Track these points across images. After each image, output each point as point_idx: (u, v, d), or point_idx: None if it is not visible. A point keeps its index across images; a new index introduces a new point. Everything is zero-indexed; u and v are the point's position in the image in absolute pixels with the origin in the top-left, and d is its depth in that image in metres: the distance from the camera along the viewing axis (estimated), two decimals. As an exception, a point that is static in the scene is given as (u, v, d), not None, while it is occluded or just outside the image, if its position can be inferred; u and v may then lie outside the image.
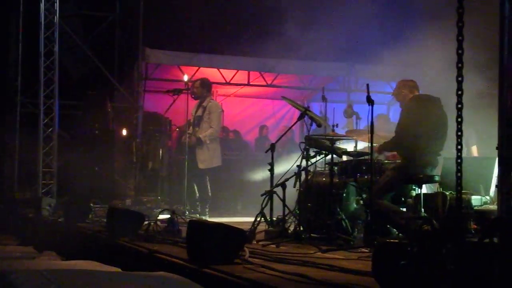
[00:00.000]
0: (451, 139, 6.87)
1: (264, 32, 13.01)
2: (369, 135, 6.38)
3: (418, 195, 6.95)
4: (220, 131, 11.58)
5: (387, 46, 11.23)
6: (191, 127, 10.51)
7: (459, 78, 3.83)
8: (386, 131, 8.34)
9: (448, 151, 8.01)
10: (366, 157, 7.20)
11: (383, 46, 11.43)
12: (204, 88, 10.48)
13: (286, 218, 7.39)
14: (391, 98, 8.59)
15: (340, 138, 7.85)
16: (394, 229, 6.91)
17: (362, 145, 8.18)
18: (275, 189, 7.54)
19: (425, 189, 7.14)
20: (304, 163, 7.42)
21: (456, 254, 3.46)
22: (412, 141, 6.90)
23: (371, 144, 6.40)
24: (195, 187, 10.38)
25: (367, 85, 6.48)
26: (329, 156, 7.41)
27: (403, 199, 7.25)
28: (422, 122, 6.94)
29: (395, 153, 7.55)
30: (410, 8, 10.84)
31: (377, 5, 11.57)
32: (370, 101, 6.34)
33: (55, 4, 12.45)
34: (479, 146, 10.02)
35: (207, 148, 10.33)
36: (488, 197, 7.53)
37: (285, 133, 8.69)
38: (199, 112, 10.40)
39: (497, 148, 4.23)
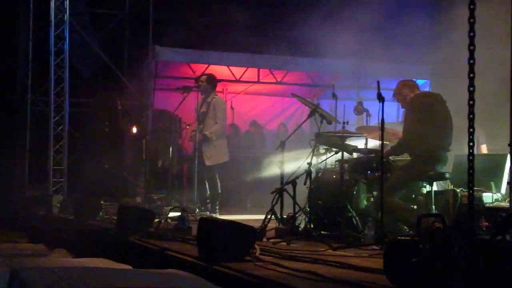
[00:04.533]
0: (461, 136, 6.86)
1: (274, 30, 13.00)
2: (380, 132, 6.36)
3: (429, 192, 6.93)
4: (226, 126, 11.57)
5: (397, 42, 11.21)
6: (196, 124, 10.51)
7: (471, 75, 3.82)
8: None
9: (458, 148, 8.00)
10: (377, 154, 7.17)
11: (393, 43, 11.41)
12: (209, 83, 10.44)
13: (297, 215, 7.38)
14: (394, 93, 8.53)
15: (351, 135, 7.83)
16: (405, 227, 6.89)
17: (373, 142, 8.16)
18: (285, 187, 7.53)
19: (435, 186, 7.11)
20: (314, 160, 7.40)
21: (468, 252, 3.45)
22: (419, 139, 6.89)
23: (382, 141, 6.37)
24: (206, 185, 10.37)
25: (378, 82, 6.45)
26: (339, 154, 7.39)
27: (413, 196, 7.22)
28: (427, 119, 6.93)
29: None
30: (420, 3, 10.81)
31: (387, 1, 11.54)
32: (380, 98, 6.31)
33: (65, 2, 12.48)
34: (488, 144, 9.99)
35: (214, 144, 10.31)
36: (499, 194, 7.51)
37: (295, 130, 8.67)
38: (204, 108, 10.37)
39: (509, 145, 4.22)
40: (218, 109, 10.31)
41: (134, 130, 13.33)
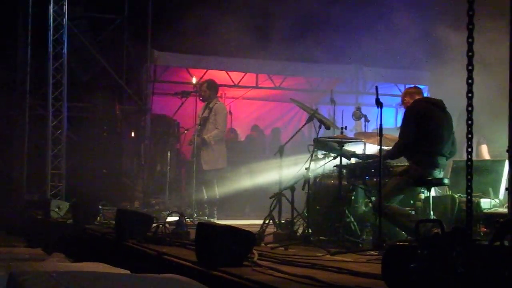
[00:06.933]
0: (460, 141, 6.86)
1: (273, 35, 13.01)
2: (378, 137, 6.36)
3: (427, 198, 6.92)
4: (226, 132, 11.57)
5: (396, 48, 11.23)
6: (196, 129, 10.52)
7: (470, 81, 3.82)
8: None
9: (457, 154, 7.99)
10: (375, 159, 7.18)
11: (391, 49, 11.43)
12: (211, 90, 10.47)
13: (295, 220, 7.38)
14: (400, 101, 8.64)
15: (349, 140, 7.83)
16: (403, 232, 6.88)
17: (371, 147, 8.17)
18: (283, 192, 7.53)
19: (433, 192, 7.11)
20: (312, 165, 7.40)
21: (466, 257, 3.45)
22: (414, 144, 6.88)
23: (380, 146, 6.38)
24: (204, 189, 10.37)
25: (376, 87, 6.46)
26: (337, 159, 7.39)
27: (412, 202, 7.22)
28: (422, 125, 6.90)
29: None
30: (418, 10, 10.83)
31: (386, 7, 11.56)
32: (379, 104, 6.32)
33: (64, 6, 12.50)
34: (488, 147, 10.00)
35: (212, 149, 10.31)
36: (497, 200, 7.51)
37: (293, 135, 8.67)
38: (205, 113, 10.39)
39: (507, 151, 4.22)
40: (219, 114, 10.32)
41: (133, 134, 13.33)
